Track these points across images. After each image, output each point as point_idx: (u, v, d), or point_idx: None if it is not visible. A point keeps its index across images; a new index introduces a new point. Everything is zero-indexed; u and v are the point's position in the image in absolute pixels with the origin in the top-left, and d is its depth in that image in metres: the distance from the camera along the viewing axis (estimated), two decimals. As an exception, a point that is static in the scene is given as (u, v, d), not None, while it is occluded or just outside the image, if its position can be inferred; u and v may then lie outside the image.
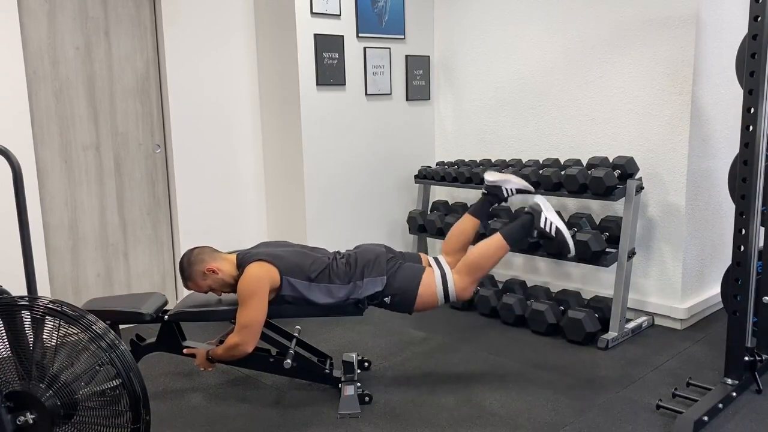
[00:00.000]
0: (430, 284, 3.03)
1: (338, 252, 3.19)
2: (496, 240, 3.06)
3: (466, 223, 3.32)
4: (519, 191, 3.30)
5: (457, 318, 4.24)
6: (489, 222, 3.91)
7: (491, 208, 3.44)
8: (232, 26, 4.44)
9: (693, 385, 3.10)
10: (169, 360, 3.60)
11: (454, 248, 3.24)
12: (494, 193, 3.34)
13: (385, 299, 3.05)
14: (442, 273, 3.06)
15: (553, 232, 2.99)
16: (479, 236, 3.55)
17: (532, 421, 2.88)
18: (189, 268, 3.01)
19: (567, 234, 2.97)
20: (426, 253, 5.00)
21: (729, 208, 4.12)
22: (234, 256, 3.05)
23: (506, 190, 3.30)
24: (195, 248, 3.07)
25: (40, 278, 3.78)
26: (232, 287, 3.03)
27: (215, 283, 3.02)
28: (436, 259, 3.20)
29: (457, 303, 4.38)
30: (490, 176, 3.33)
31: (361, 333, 4.00)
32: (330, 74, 4.40)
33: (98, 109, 4.03)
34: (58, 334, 2.11)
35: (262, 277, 2.91)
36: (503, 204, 3.22)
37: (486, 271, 3.08)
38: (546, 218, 3.01)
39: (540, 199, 3.12)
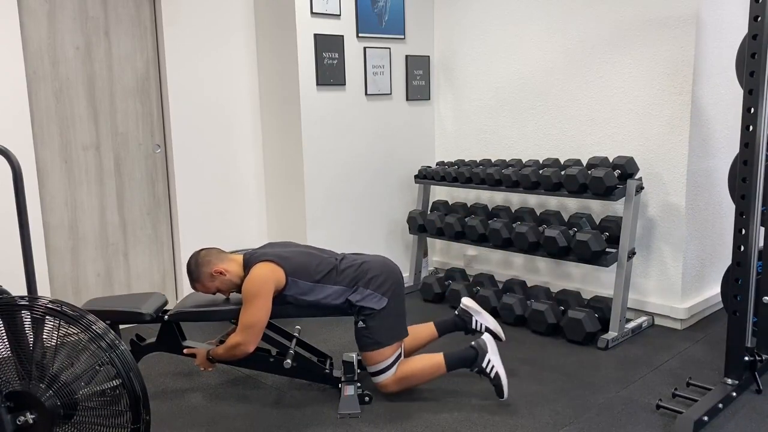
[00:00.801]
0: (389, 356, 3.04)
1: (350, 254, 3.19)
2: (437, 361, 3.09)
3: (426, 332, 3.37)
4: (488, 330, 3.34)
5: (457, 318, 4.24)
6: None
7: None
8: (232, 26, 4.44)
9: (693, 385, 3.10)
10: (169, 360, 3.60)
11: (407, 347, 3.27)
12: (464, 319, 3.39)
13: (361, 322, 3.03)
14: (396, 360, 3.07)
15: (492, 375, 3.06)
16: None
17: (532, 421, 2.88)
18: (197, 269, 3.01)
19: (504, 381, 3.04)
20: (425, 254, 5.00)
21: (729, 208, 4.12)
22: (240, 257, 3.05)
23: (476, 322, 3.37)
24: (202, 250, 3.07)
25: (40, 278, 3.79)
26: (239, 288, 3.03)
27: (223, 284, 3.02)
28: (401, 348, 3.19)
29: (458, 290, 4.38)
30: (468, 302, 3.41)
31: (361, 333, 4.00)
32: (330, 74, 4.40)
33: (98, 109, 4.03)
34: (58, 334, 2.11)
35: (267, 278, 2.91)
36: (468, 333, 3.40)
37: (415, 385, 3.14)
38: (489, 360, 3.07)
39: (488, 339, 3.15)
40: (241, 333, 2.91)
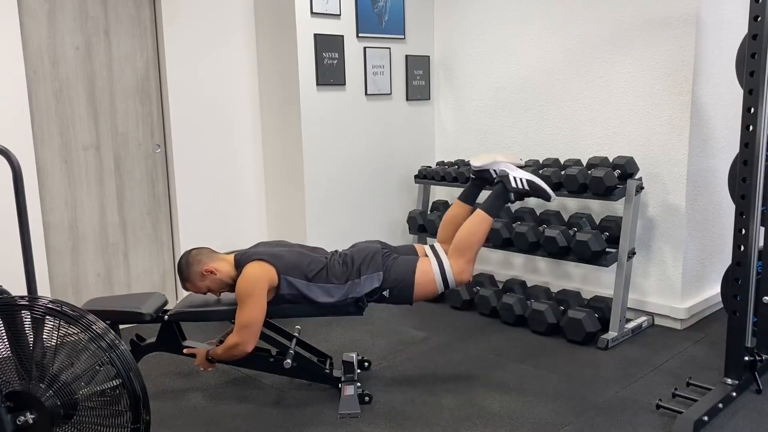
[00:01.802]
0: (427, 272, 3.03)
1: (336, 251, 3.19)
2: (477, 215, 3.08)
3: (457, 210, 3.31)
4: (504, 170, 3.18)
5: (457, 318, 4.24)
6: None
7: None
8: (232, 26, 4.44)
9: (693, 385, 3.10)
10: (169, 360, 3.60)
11: (448, 235, 3.23)
12: (482, 177, 3.31)
13: (384, 293, 3.05)
14: (439, 260, 3.06)
15: (526, 186, 3.01)
16: None
17: (532, 421, 2.88)
18: (187, 269, 3.01)
19: (540, 181, 3.00)
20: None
21: (729, 208, 4.12)
22: (232, 257, 3.05)
23: (494, 171, 3.25)
24: (192, 249, 3.06)
25: (40, 278, 3.78)
26: (231, 287, 3.03)
27: (213, 283, 3.02)
28: (432, 247, 3.19)
29: (459, 290, 4.37)
30: (477, 162, 3.30)
31: (361, 333, 4.00)
32: (330, 74, 4.40)
33: (98, 109, 4.03)
34: (58, 334, 2.11)
35: (260, 276, 2.91)
36: (510, 196, 3.18)
37: (476, 247, 3.07)
38: (515, 177, 3.04)
39: (505, 165, 3.12)
40: (238, 333, 2.91)
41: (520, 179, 3.04)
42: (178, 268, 3.04)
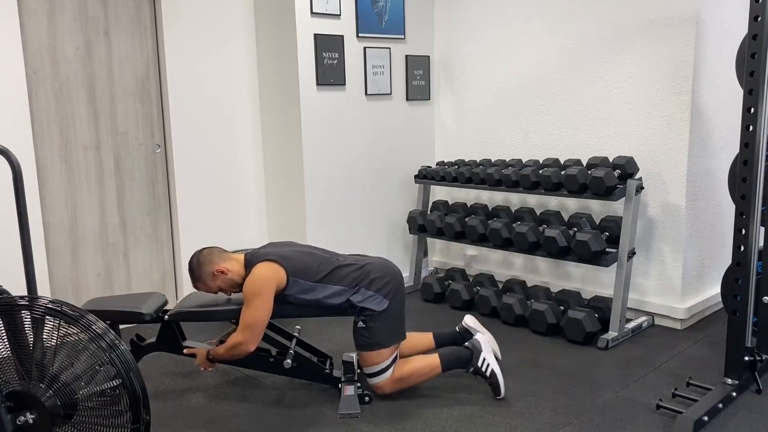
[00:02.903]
0: (386, 357, 3.04)
1: (351, 255, 3.19)
2: (432, 361, 3.11)
3: (424, 341, 3.37)
4: (480, 345, 3.19)
5: (457, 318, 4.23)
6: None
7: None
8: (232, 26, 4.44)
9: (693, 385, 3.10)
10: (169, 360, 3.60)
11: (402, 352, 3.23)
12: (464, 336, 3.37)
13: (361, 323, 3.03)
14: (393, 362, 3.08)
15: (487, 374, 3.09)
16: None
17: (532, 421, 2.88)
18: (198, 269, 3.01)
19: (501, 379, 3.08)
20: (425, 254, 5.00)
21: (729, 208, 4.12)
22: (242, 256, 3.05)
23: (476, 341, 3.22)
24: (204, 249, 3.07)
25: (40, 278, 3.78)
26: (241, 287, 3.03)
27: (224, 283, 3.02)
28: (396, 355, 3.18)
29: (459, 290, 4.37)
30: (471, 322, 3.40)
31: (361, 333, 3.99)
32: (330, 74, 4.40)
33: (98, 109, 4.03)
34: (58, 334, 2.11)
35: (269, 277, 2.91)
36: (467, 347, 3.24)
37: (412, 384, 3.14)
38: (484, 359, 3.10)
39: (482, 338, 3.18)
40: (242, 332, 2.92)
41: (488, 364, 3.09)
42: (189, 267, 3.04)
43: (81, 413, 2.12)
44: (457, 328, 3.44)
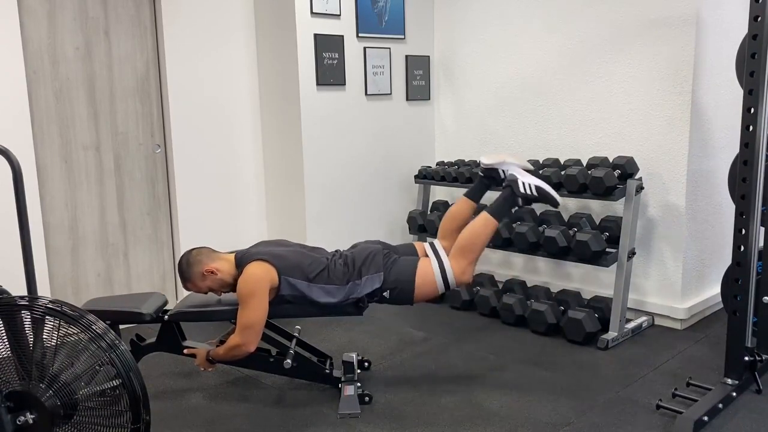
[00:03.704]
0: (428, 272, 3.02)
1: (337, 251, 3.18)
2: (483, 218, 3.07)
3: (462, 206, 3.29)
4: (514, 174, 3.14)
5: (457, 318, 4.24)
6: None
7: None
8: (232, 26, 4.44)
9: (693, 385, 3.10)
10: (169, 360, 3.60)
11: (450, 230, 3.21)
12: (490, 176, 3.29)
13: (384, 294, 3.04)
14: (439, 260, 3.05)
15: (534, 192, 3.01)
16: None
17: (532, 421, 2.88)
18: (188, 269, 3.00)
19: (548, 188, 3.00)
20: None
21: (729, 208, 4.11)
22: (232, 256, 3.04)
23: (503, 171, 3.23)
24: (193, 249, 3.06)
25: (40, 278, 3.77)
26: (232, 287, 3.02)
27: (214, 283, 3.02)
28: (432, 245, 3.18)
29: (459, 290, 4.37)
30: (486, 159, 3.27)
31: (361, 333, 4.00)
32: (330, 74, 4.40)
33: (98, 109, 4.03)
34: (58, 334, 2.11)
35: (261, 277, 2.90)
36: (520, 205, 3.17)
37: (479, 249, 3.06)
38: (523, 183, 3.03)
39: (514, 169, 3.11)
40: (240, 334, 2.91)
41: (529, 185, 3.03)
42: (179, 268, 3.03)
43: (81, 413, 2.12)
44: (480, 173, 3.33)
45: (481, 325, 4.09)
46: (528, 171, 3.19)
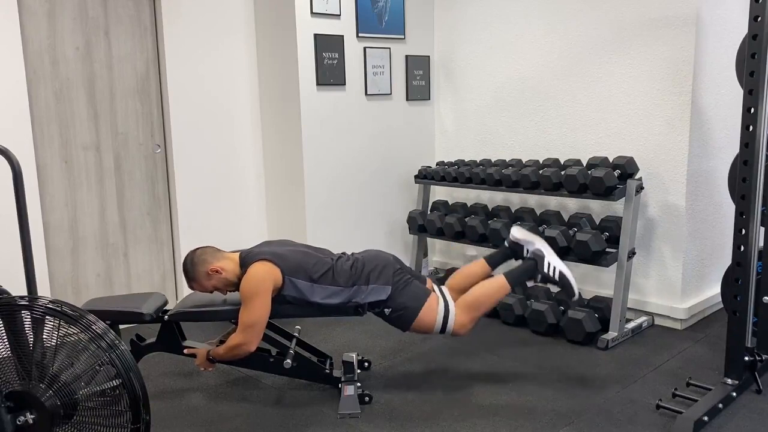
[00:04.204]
0: (432, 310, 3.03)
1: (344, 253, 3.18)
2: (499, 281, 3.09)
3: (478, 268, 3.32)
4: (542, 250, 3.16)
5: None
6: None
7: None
8: (232, 26, 4.44)
9: (693, 385, 3.10)
10: (169, 360, 3.60)
11: (460, 287, 3.22)
12: (515, 250, 3.32)
13: (386, 310, 3.04)
14: (446, 304, 3.06)
15: (556, 277, 3.05)
16: None
17: (532, 421, 2.88)
18: (193, 269, 3.01)
19: (571, 278, 3.02)
20: (425, 254, 4.99)
21: (729, 208, 4.12)
22: (237, 255, 3.05)
23: (527, 251, 3.25)
24: (198, 249, 3.06)
25: (40, 278, 3.78)
26: (237, 286, 3.02)
27: (219, 282, 3.02)
28: (441, 290, 3.18)
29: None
30: (518, 234, 3.31)
31: (361, 333, 4.00)
32: (330, 74, 4.40)
33: (98, 109, 4.03)
34: (58, 334, 2.11)
35: (265, 277, 2.91)
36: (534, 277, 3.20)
37: (485, 310, 3.10)
38: (549, 263, 3.06)
39: (542, 245, 3.15)
40: (241, 333, 2.91)
41: (554, 267, 3.05)
42: (184, 267, 3.03)
43: (81, 413, 2.12)
44: (506, 243, 3.36)
45: (480, 325, 4.08)
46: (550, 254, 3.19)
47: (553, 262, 3.05)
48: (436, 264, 5.24)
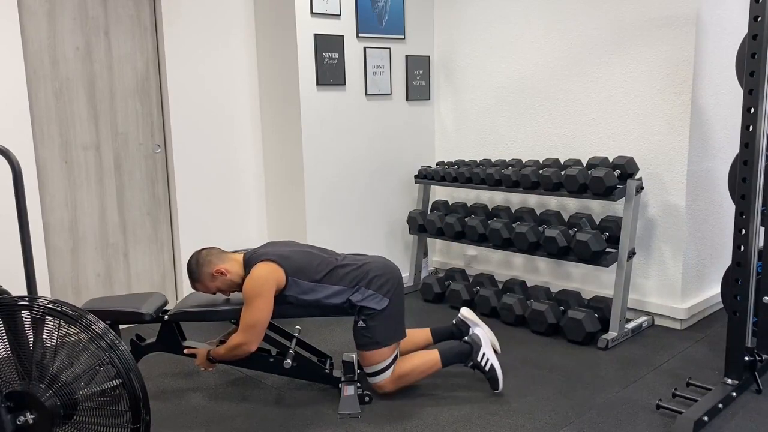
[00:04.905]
0: (385, 357, 3.05)
1: (351, 254, 3.19)
2: (432, 357, 3.13)
3: (421, 337, 3.37)
4: (480, 339, 3.20)
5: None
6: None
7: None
8: (232, 26, 4.44)
9: (693, 385, 3.10)
10: (169, 360, 3.60)
11: (402, 348, 3.25)
12: (461, 329, 3.37)
13: (363, 320, 3.03)
14: (393, 361, 3.09)
15: (486, 368, 3.11)
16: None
17: (532, 421, 2.88)
18: (197, 270, 3.01)
19: (499, 373, 3.11)
20: (425, 254, 4.99)
21: (729, 208, 4.12)
22: (241, 256, 3.05)
23: (471, 330, 3.29)
24: (202, 250, 3.07)
25: (40, 278, 3.79)
26: (240, 287, 3.03)
27: (223, 284, 3.02)
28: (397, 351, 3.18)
29: (458, 290, 4.37)
30: (468, 314, 3.39)
31: (361, 333, 3.99)
32: (330, 74, 4.40)
33: (98, 109, 4.03)
34: (58, 334, 2.11)
35: (268, 277, 2.91)
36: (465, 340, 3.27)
37: (412, 381, 3.16)
38: (484, 354, 3.13)
39: (481, 332, 3.21)
40: (243, 333, 2.91)
41: (487, 359, 3.12)
42: (188, 268, 3.04)
43: (81, 413, 2.12)
44: (453, 321, 3.44)
45: (481, 325, 4.08)
46: (495, 351, 3.28)
47: (487, 354, 3.13)
48: (436, 264, 5.24)
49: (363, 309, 3.01)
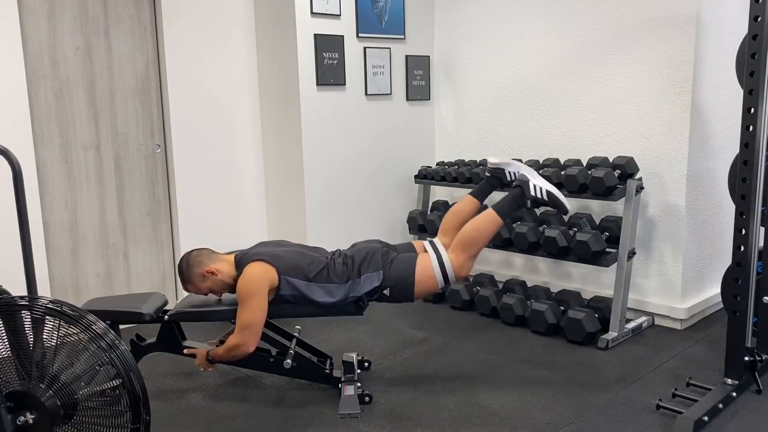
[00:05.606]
0: (427, 267, 3.01)
1: (337, 251, 3.19)
2: (488, 214, 3.03)
3: (467, 204, 3.26)
4: (525, 175, 3.11)
5: (457, 318, 4.24)
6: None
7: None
8: (232, 26, 4.44)
9: (693, 385, 3.10)
10: (169, 360, 3.60)
11: (452, 227, 3.19)
12: (497, 176, 3.27)
13: (384, 292, 3.04)
14: (438, 255, 3.04)
15: (545, 197, 2.99)
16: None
17: (532, 421, 2.88)
18: (188, 270, 3.01)
19: (559, 194, 2.98)
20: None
21: (729, 208, 4.12)
22: (232, 257, 3.05)
23: (509, 173, 3.21)
24: (193, 251, 3.06)
25: (40, 278, 3.79)
26: (232, 288, 3.03)
27: (214, 284, 3.02)
28: (432, 242, 3.17)
29: (459, 290, 4.37)
30: (493, 159, 3.26)
31: (361, 333, 4.00)
32: (330, 74, 4.40)
33: (98, 109, 4.03)
34: (58, 334, 2.11)
35: (260, 277, 2.91)
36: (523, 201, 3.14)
37: (480, 245, 3.03)
38: (535, 185, 3.00)
39: (525, 170, 3.10)
40: (239, 334, 2.91)
41: (540, 188, 3.01)
42: (179, 269, 3.03)
43: (81, 413, 2.12)
44: (486, 173, 3.31)
45: (481, 325, 4.09)
46: (529, 176, 3.15)
47: (538, 183, 2.99)
48: (436, 264, 5.24)
49: (371, 292, 3.03)
